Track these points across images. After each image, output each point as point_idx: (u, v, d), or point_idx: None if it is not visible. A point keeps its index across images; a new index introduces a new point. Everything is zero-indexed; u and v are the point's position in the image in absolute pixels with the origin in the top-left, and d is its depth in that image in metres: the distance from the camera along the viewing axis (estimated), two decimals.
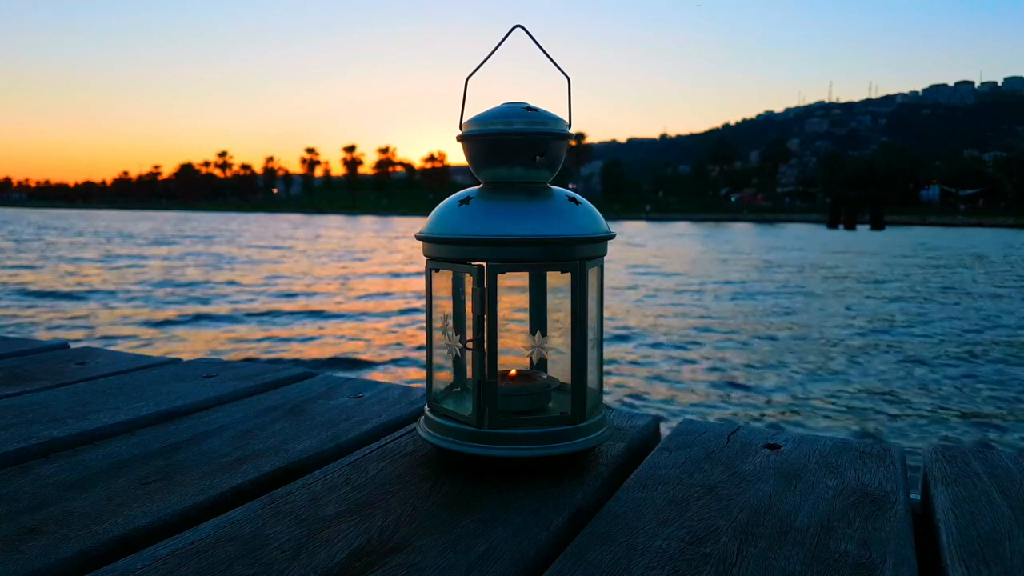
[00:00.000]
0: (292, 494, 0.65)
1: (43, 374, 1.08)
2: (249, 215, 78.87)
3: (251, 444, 0.78)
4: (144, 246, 21.78)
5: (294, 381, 1.06)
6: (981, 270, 16.88)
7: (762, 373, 6.01)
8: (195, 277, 13.12)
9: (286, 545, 0.56)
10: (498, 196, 0.72)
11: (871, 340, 7.61)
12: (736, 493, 0.67)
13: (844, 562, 0.54)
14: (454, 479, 0.69)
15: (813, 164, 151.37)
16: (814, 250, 23.58)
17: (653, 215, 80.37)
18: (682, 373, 5.98)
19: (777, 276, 14.52)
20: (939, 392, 5.48)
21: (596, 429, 0.72)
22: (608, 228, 0.72)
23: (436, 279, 0.74)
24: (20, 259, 16.67)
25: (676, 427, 0.85)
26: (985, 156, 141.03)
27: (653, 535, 0.58)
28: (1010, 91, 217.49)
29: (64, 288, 11.10)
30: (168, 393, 0.97)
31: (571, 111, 0.75)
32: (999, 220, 65.55)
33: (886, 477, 0.70)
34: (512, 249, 0.68)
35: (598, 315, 0.74)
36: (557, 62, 0.74)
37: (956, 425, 4.64)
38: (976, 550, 0.56)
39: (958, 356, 6.87)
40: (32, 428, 0.82)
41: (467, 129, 0.72)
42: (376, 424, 0.86)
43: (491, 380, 0.68)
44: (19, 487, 0.67)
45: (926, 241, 31.57)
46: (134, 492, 0.65)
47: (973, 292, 12.25)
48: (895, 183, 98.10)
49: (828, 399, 5.23)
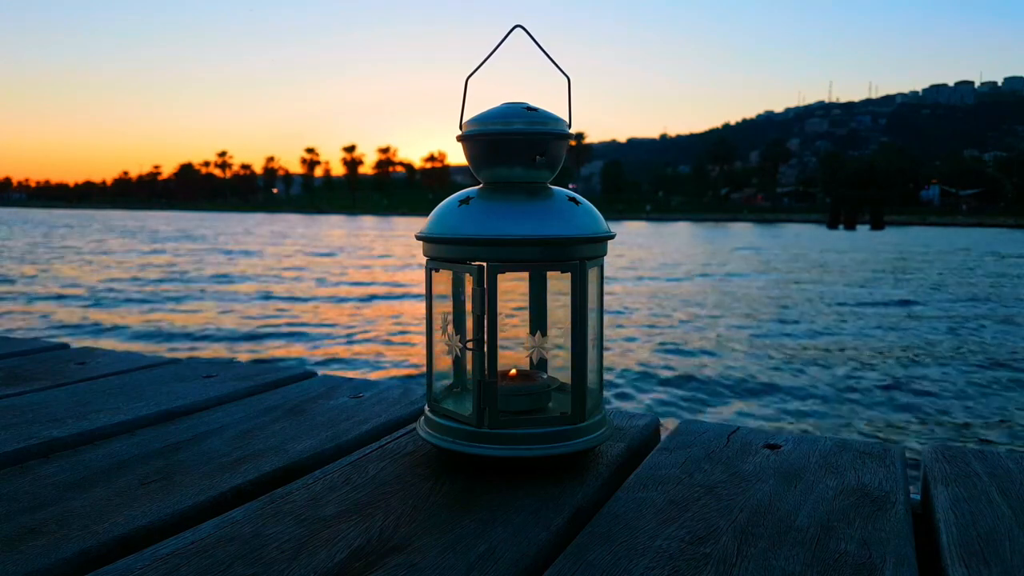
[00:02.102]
0: (292, 494, 0.65)
1: (43, 374, 1.08)
2: (252, 215, 78.79)
3: (251, 444, 0.78)
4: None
5: (294, 381, 1.06)
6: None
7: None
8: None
9: (286, 545, 0.56)
10: (498, 196, 0.72)
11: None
12: (736, 493, 0.67)
13: (844, 562, 0.54)
14: (454, 479, 0.69)
15: (813, 164, 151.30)
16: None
17: (653, 215, 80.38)
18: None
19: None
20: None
21: (596, 429, 0.72)
22: (608, 228, 0.72)
23: (436, 279, 0.74)
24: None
25: (676, 427, 0.85)
26: (985, 156, 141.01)
27: (653, 535, 0.58)
28: (1010, 91, 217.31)
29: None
30: (168, 393, 0.97)
31: (571, 111, 0.75)
32: (999, 220, 65.55)
33: (886, 477, 0.70)
34: (512, 249, 0.68)
35: (598, 315, 0.74)
36: (557, 62, 0.74)
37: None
38: (976, 550, 0.56)
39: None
40: (32, 428, 0.82)
41: (467, 129, 0.72)
42: (376, 424, 0.86)
43: (491, 380, 0.68)
44: (19, 487, 0.67)
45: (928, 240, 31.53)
46: (134, 492, 0.65)
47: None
48: (895, 183, 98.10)
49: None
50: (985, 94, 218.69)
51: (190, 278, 12.93)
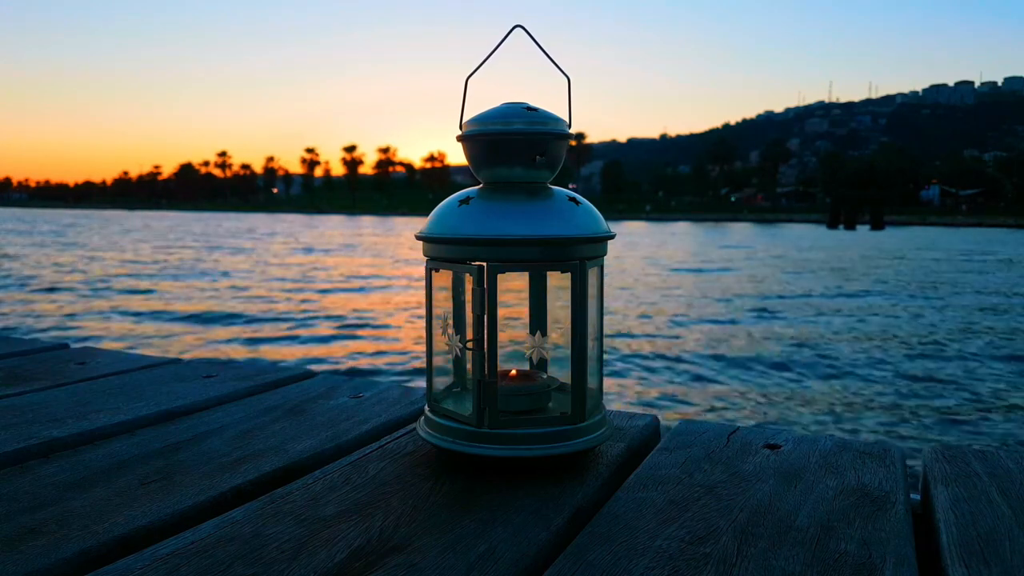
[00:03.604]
0: (292, 494, 0.65)
1: (43, 374, 1.08)
2: (254, 215, 78.42)
3: (251, 444, 0.78)
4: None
5: (294, 381, 1.06)
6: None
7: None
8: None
9: (286, 545, 0.56)
10: (498, 196, 0.72)
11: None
12: (736, 493, 0.67)
13: (844, 562, 0.54)
14: (454, 479, 0.69)
15: (813, 164, 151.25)
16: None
17: (653, 215, 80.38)
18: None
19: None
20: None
21: (596, 429, 0.72)
22: (608, 228, 0.72)
23: (436, 279, 0.74)
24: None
25: (676, 427, 0.85)
26: (985, 156, 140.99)
27: (653, 535, 0.58)
28: (1010, 91, 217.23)
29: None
30: (168, 393, 0.97)
31: (571, 111, 0.75)
32: (999, 220, 65.55)
33: (886, 477, 0.70)
34: (512, 249, 0.68)
35: (598, 315, 0.74)
36: (557, 62, 0.74)
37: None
38: (976, 550, 0.56)
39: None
40: (32, 428, 0.82)
41: (467, 129, 0.72)
42: (376, 424, 0.86)
43: (491, 380, 0.68)
44: (19, 487, 0.67)
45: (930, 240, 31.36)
46: (134, 492, 0.65)
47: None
48: (895, 183, 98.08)
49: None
50: (985, 94, 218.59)
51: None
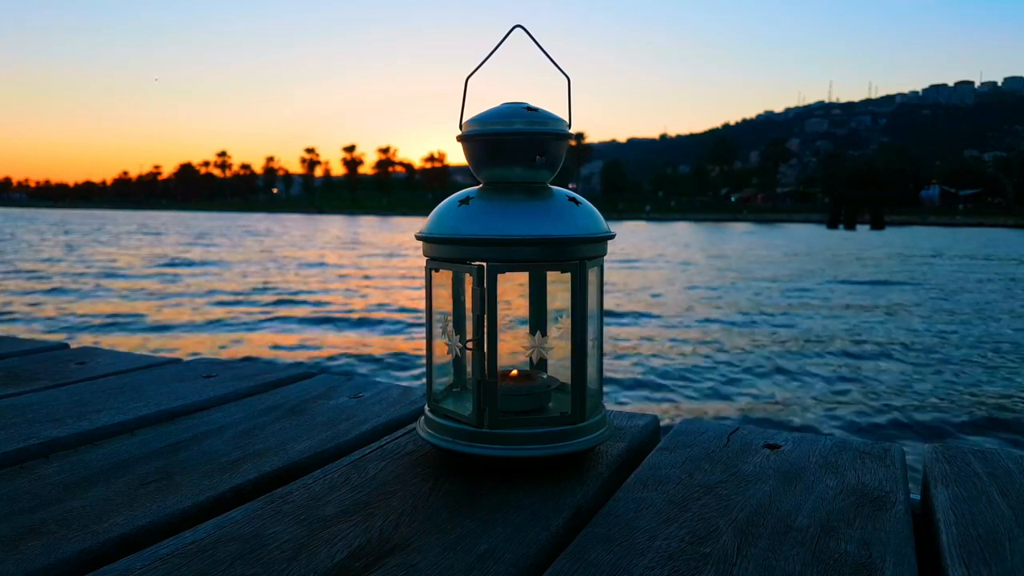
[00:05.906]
0: (292, 494, 0.65)
1: (43, 374, 1.08)
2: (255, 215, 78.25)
3: (251, 444, 0.78)
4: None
5: (294, 381, 1.06)
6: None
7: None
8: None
9: (286, 545, 0.56)
10: (498, 196, 0.71)
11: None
12: (736, 493, 0.67)
13: (844, 562, 0.54)
14: (454, 479, 0.69)
15: (813, 164, 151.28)
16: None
17: (653, 215, 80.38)
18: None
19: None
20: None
21: (596, 429, 0.72)
22: (608, 228, 0.72)
23: (436, 279, 0.74)
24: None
25: (676, 427, 0.85)
26: (985, 156, 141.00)
27: (653, 535, 0.58)
28: (1010, 91, 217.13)
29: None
30: (168, 393, 0.97)
31: (571, 111, 0.75)
32: (999, 220, 65.55)
33: (886, 477, 0.70)
34: (512, 249, 0.68)
35: (598, 315, 0.74)
36: (557, 62, 0.74)
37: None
38: (976, 550, 0.56)
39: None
40: (32, 428, 0.82)
41: (467, 129, 0.72)
42: (376, 424, 0.86)
43: (491, 380, 0.68)
44: (19, 487, 0.67)
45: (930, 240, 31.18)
46: (134, 492, 0.65)
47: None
48: (895, 183, 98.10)
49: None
50: (985, 94, 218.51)
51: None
